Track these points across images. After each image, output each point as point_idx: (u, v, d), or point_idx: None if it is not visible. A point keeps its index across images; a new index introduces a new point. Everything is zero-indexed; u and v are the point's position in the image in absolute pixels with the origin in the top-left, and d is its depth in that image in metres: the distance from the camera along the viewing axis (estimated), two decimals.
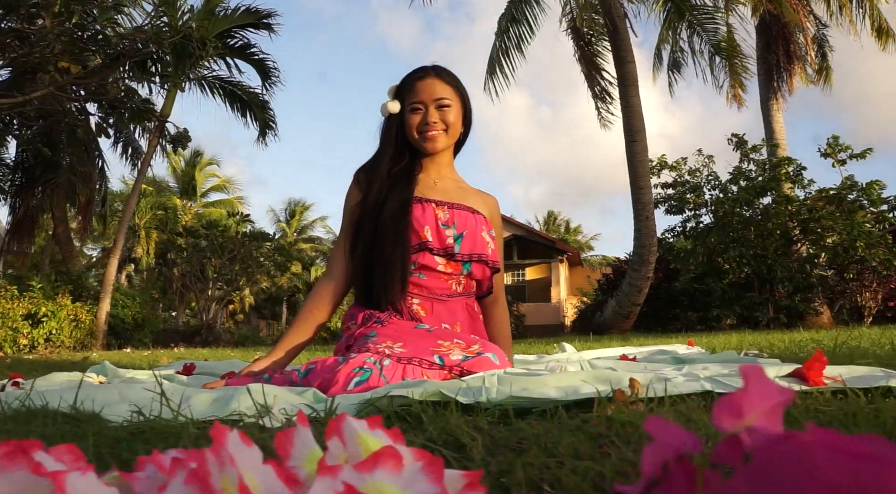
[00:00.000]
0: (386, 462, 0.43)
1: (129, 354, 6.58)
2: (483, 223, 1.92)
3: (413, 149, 1.98)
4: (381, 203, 1.82)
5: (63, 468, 0.46)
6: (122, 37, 9.19)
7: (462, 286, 1.89)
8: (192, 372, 2.29)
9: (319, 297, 1.89)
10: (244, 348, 9.17)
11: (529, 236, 22.66)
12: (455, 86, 1.99)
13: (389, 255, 1.76)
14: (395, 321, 1.75)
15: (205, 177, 29.81)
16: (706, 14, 10.26)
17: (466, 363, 1.54)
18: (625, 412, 0.93)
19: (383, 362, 1.49)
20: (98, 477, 0.45)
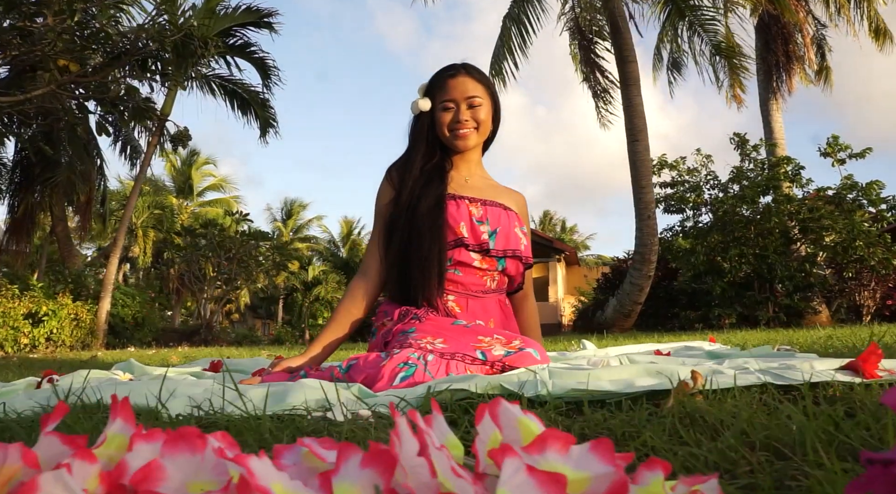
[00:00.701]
0: (554, 443, 0.44)
1: (134, 353, 6.57)
2: (515, 219, 1.94)
3: (443, 146, 1.99)
4: (416, 200, 1.83)
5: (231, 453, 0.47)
6: (123, 35, 9.17)
7: (496, 282, 1.90)
8: (220, 369, 2.29)
9: (355, 295, 1.90)
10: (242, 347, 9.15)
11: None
12: (486, 84, 2.01)
13: (427, 252, 1.76)
14: (432, 317, 1.75)
15: (201, 176, 29.75)
16: (706, 14, 10.30)
17: (508, 358, 1.55)
18: (696, 403, 0.94)
19: (427, 357, 1.50)
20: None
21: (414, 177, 1.88)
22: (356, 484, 0.42)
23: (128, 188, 25.59)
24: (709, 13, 10.26)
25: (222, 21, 11.43)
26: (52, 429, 0.48)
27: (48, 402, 1.31)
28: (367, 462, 0.42)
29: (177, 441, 0.45)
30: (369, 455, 0.43)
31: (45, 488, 0.38)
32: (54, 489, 0.38)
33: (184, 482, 0.43)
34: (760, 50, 11.91)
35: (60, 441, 0.45)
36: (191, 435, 0.46)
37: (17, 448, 0.42)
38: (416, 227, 1.79)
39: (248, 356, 4.04)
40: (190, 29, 9.39)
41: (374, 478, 0.42)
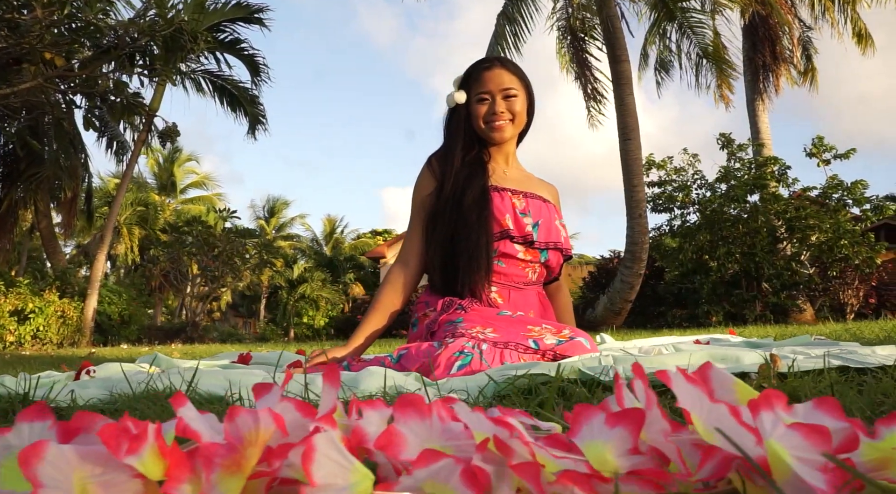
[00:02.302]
0: (778, 401, 0.46)
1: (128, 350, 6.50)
2: (555, 212, 1.96)
3: (480, 138, 2.00)
4: (461, 191, 1.83)
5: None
6: (113, 28, 9.06)
7: (537, 274, 1.92)
8: (249, 361, 2.28)
9: (395, 285, 1.90)
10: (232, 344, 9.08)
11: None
12: (520, 76, 2.01)
13: (474, 243, 1.77)
14: (477, 307, 1.77)
15: (184, 173, 29.43)
16: (695, 17, 10.42)
17: (560, 347, 1.57)
18: (791, 384, 0.96)
19: (481, 346, 1.51)
20: None
21: (456, 169, 1.89)
22: (607, 443, 0.43)
23: (109, 185, 25.27)
24: (698, 16, 10.37)
25: (212, 16, 11.32)
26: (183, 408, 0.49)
27: (116, 389, 1.30)
28: (613, 421, 0.44)
29: (406, 408, 0.46)
30: (616, 414, 0.44)
31: (320, 447, 0.39)
32: (328, 449, 0.39)
33: (420, 446, 0.44)
34: (748, 51, 12.06)
35: (295, 406, 0.46)
36: (418, 402, 0.47)
37: (268, 414, 0.42)
38: (463, 218, 1.80)
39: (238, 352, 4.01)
40: (180, 23, 9.29)
41: (623, 436, 0.43)
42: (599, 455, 0.42)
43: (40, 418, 0.44)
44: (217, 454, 0.41)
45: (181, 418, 0.44)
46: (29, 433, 0.43)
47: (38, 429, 0.43)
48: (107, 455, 0.42)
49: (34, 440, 0.43)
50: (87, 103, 10.46)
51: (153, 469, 0.40)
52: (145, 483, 0.41)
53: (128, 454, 0.40)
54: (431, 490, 0.40)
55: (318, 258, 30.67)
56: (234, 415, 0.42)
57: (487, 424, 0.44)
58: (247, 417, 0.42)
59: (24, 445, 0.43)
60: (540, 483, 0.39)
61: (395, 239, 25.09)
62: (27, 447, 0.39)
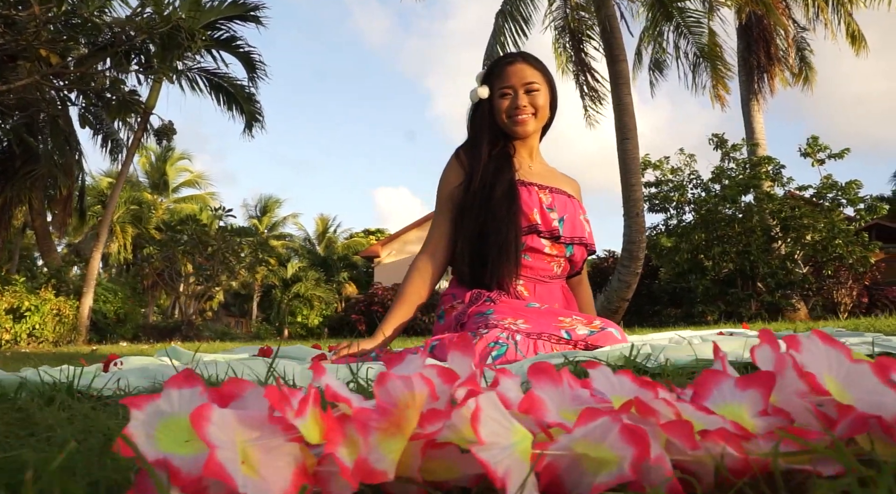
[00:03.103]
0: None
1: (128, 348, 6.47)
2: (579, 207, 1.97)
3: (504, 133, 2.01)
4: (490, 185, 1.85)
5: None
6: (110, 25, 9.02)
7: (561, 268, 1.94)
8: (270, 355, 2.29)
9: (421, 277, 1.90)
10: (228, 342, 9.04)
11: None
12: (543, 71, 2.02)
13: (503, 236, 1.78)
14: (506, 299, 1.78)
15: (176, 171, 29.29)
16: (692, 17, 10.46)
17: (592, 337, 1.59)
18: None
19: (515, 337, 1.53)
20: None
21: (483, 162, 1.90)
22: (741, 405, 0.44)
23: (101, 183, 25.12)
24: (694, 16, 10.42)
25: (208, 14, 11.29)
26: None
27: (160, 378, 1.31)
28: (744, 384, 0.45)
29: (540, 375, 0.48)
30: (748, 377, 0.46)
31: (485, 408, 0.41)
32: (491, 410, 0.41)
33: (556, 410, 0.46)
34: (742, 51, 12.14)
35: (438, 372, 0.47)
36: (549, 370, 0.49)
37: (421, 378, 0.44)
38: (492, 212, 1.81)
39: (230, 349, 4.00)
40: (178, 21, 9.26)
41: (755, 398, 0.45)
42: (736, 416, 0.44)
43: (189, 384, 0.45)
44: (372, 418, 0.42)
45: (328, 385, 0.45)
46: (178, 399, 0.44)
47: (186, 396, 0.44)
48: (263, 420, 0.43)
49: (184, 406, 0.45)
50: (83, 101, 10.40)
51: (313, 433, 0.41)
52: (301, 447, 0.42)
53: (296, 417, 0.41)
54: (584, 449, 0.41)
55: (311, 257, 30.62)
56: (385, 380, 0.44)
57: (630, 386, 0.45)
58: (398, 382, 0.43)
59: (174, 411, 0.45)
60: (694, 440, 0.40)
61: (388, 238, 25.08)
62: (196, 409, 0.40)
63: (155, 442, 0.42)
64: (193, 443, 0.42)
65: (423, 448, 0.42)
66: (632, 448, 0.39)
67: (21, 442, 0.68)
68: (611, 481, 0.40)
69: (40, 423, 0.84)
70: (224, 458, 0.38)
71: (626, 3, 10.20)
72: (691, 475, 0.42)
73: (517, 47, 9.46)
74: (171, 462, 0.40)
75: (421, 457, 0.42)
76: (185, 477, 0.40)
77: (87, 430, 0.76)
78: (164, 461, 0.40)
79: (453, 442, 0.43)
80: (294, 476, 0.41)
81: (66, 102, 10.89)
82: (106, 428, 0.70)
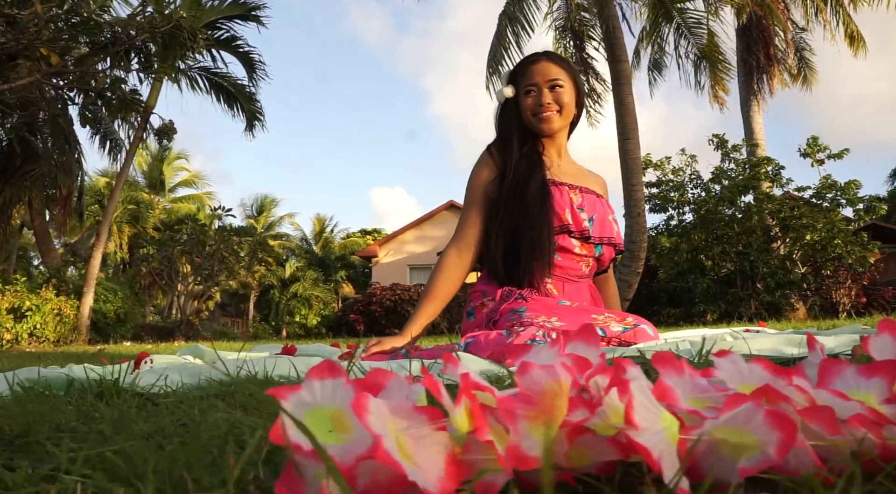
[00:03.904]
0: None
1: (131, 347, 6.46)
2: (608, 207, 1.99)
3: (531, 132, 2.03)
4: (524, 183, 1.86)
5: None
6: (112, 25, 9.00)
7: (589, 268, 1.95)
8: (294, 353, 2.30)
9: (452, 272, 1.90)
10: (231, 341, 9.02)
11: None
12: (567, 68, 2.03)
13: (537, 235, 1.79)
14: (537, 297, 1.79)
15: (173, 171, 29.23)
16: (693, 17, 10.51)
17: (625, 334, 1.60)
18: None
19: (551, 335, 1.54)
20: None
21: (515, 159, 1.91)
22: (869, 392, 0.46)
23: (98, 182, 25.03)
24: (695, 16, 10.46)
25: (209, 13, 11.28)
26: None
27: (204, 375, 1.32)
28: (869, 372, 0.47)
29: (665, 365, 0.49)
30: (872, 365, 0.47)
31: (637, 395, 0.42)
32: (642, 396, 0.42)
33: (684, 398, 0.48)
34: (741, 52, 12.19)
35: (573, 361, 0.48)
36: (671, 359, 0.50)
37: (563, 368, 0.45)
38: (525, 210, 1.82)
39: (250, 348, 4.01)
40: (179, 20, 9.24)
41: (880, 386, 0.46)
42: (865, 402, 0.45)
43: (331, 375, 0.46)
44: (520, 406, 0.43)
45: (466, 375, 0.46)
46: (321, 389, 0.45)
47: (329, 386, 0.45)
48: (409, 409, 0.44)
49: (327, 396, 0.46)
50: (83, 100, 10.37)
51: (463, 422, 0.43)
52: (450, 436, 0.43)
53: (455, 407, 0.42)
54: (724, 434, 0.43)
55: (308, 257, 30.60)
56: (528, 370, 0.45)
57: (762, 374, 0.47)
58: (541, 371, 0.45)
59: (316, 401, 0.46)
60: (835, 426, 0.42)
61: (386, 238, 25.08)
62: (356, 398, 0.42)
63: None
64: (337, 433, 0.44)
65: (570, 434, 0.43)
66: (778, 432, 0.40)
67: (113, 439, 0.69)
68: (756, 465, 0.41)
69: (108, 419, 0.85)
70: (389, 447, 0.40)
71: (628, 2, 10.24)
72: (823, 461, 0.43)
73: (519, 48, 9.49)
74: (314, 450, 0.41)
75: (568, 444, 0.43)
76: (340, 466, 0.41)
77: (163, 426, 0.77)
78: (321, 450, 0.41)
79: (593, 429, 0.44)
80: (446, 465, 0.42)
81: (67, 101, 10.85)
82: (196, 423, 0.71)
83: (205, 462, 0.50)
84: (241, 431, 0.61)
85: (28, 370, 1.52)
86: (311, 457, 0.42)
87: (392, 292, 16.74)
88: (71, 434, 0.75)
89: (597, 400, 0.44)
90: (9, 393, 1.30)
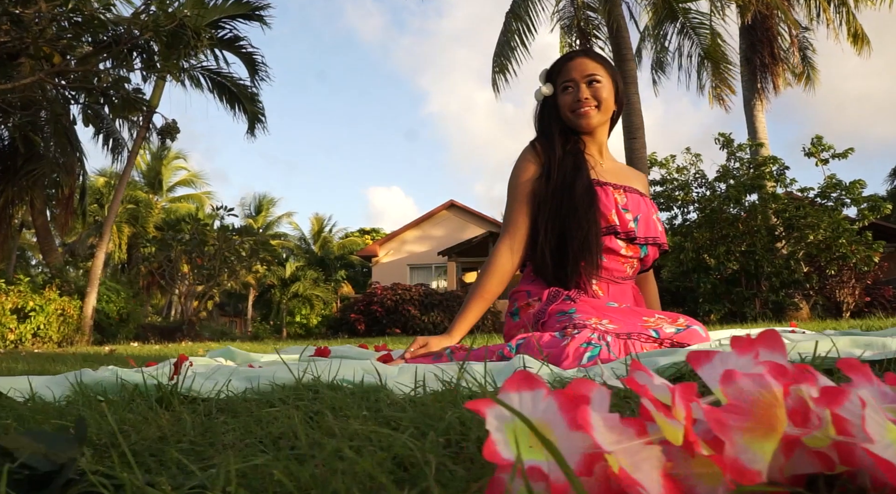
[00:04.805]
0: None
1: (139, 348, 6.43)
2: (652, 207, 1.97)
3: (572, 130, 2.00)
4: (570, 181, 1.84)
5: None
6: (117, 23, 8.96)
7: (633, 269, 1.93)
8: (328, 355, 2.28)
9: (502, 272, 1.87)
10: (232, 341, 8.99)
11: None
12: (605, 64, 2.01)
13: (585, 235, 1.77)
14: (585, 298, 1.78)
15: (171, 171, 29.15)
16: (697, 17, 10.52)
17: (678, 335, 1.59)
18: None
19: (606, 338, 1.52)
20: None
21: (559, 157, 1.89)
22: None
23: (97, 182, 24.94)
24: (699, 16, 10.47)
25: (212, 12, 11.23)
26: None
27: (262, 380, 1.30)
28: None
29: (855, 372, 0.48)
30: None
31: (869, 405, 0.40)
32: (869, 408, 0.41)
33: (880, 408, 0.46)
34: (745, 51, 12.19)
35: (770, 369, 0.47)
36: (857, 365, 0.48)
37: (772, 376, 0.43)
38: (574, 209, 1.79)
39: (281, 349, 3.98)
40: (183, 19, 9.20)
41: None
42: None
43: (528, 386, 0.44)
44: (733, 417, 0.42)
45: (689, 385, 0.44)
46: (519, 402, 0.44)
47: (528, 399, 0.44)
48: (616, 421, 0.42)
49: (526, 409, 0.44)
50: (86, 99, 10.32)
51: (676, 435, 0.41)
52: (662, 450, 0.42)
53: (669, 418, 0.41)
54: None
55: (308, 257, 30.55)
56: (734, 379, 0.43)
57: None
58: (749, 380, 0.43)
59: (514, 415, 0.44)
60: None
61: (386, 237, 25.03)
62: (580, 412, 0.40)
63: (508, 447, 0.42)
64: (538, 448, 0.42)
65: (786, 447, 0.42)
66: None
67: (233, 450, 0.67)
68: None
69: (212, 430, 0.83)
70: (624, 464, 0.38)
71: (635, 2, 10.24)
72: None
73: (526, 46, 9.47)
74: (540, 468, 0.40)
75: (785, 457, 0.41)
76: (553, 485, 0.39)
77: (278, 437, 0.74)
78: (535, 467, 0.39)
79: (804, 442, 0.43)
80: (664, 480, 0.40)
81: (69, 101, 10.80)
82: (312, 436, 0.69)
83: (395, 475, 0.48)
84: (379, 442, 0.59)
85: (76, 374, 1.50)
86: (518, 474, 0.40)
87: (393, 292, 16.67)
88: (174, 446, 0.73)
89: (809, 410, 0.42)
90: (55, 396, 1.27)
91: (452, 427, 0.63)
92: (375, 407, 0.81)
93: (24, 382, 1.36)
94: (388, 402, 0.86)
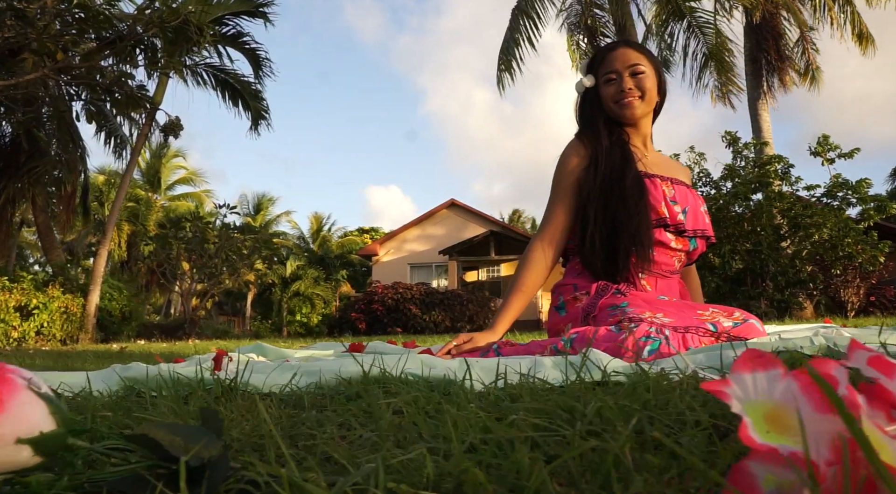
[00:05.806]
0: None
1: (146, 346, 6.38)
2: (699, 199, 1.93)
3: (615, 122, 1.96)
4: (619, 173, 1.80)
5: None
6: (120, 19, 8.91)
7: (681, 263, 1.90)
8: (362, 350, 2.24)
9: (540, 266, 1.84)
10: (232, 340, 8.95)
11: (505, 232, 22.77)
12: (647, 54, 1.96)
13: (636, 228, 1.74)
14: (635, 292, 1.74)
15: (170, 169, 29.06)
16: (703, 16, 10.50)
17: (736, 329, 1.55)
18: None
19: (664, 331, 1.49)
20: None
21: (605, 148, 1.85)
22: None
23: (96, 180, 24.85)
24: (705, 15, 10.45)
25: (216, 9, 11.17)
26: None
27: (325, 375, 1.26)
28: None
29: None
30: None
31: None
32: None
33: None
34: (750, 50, 12.17)
35: None
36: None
37: None
38: (624, 201, 1.76)
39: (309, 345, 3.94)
40: (187, 15, 9.15)
41: None
42: None
43: (763, 367, 0.41)
44: None
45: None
46: (752, 384, 0.40)
47: (762, 380, 0.40)
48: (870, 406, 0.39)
49: (760, 391, 0.41)
50: (89, 95, 10.26)
51: None
52: None
53: None
54: None
55: (308, 255, 30.50)
56: None
57: None
58: None
59: (748, 397, 0.41)
60: None
61: (386, 236, 24.98)
62: (848, 397, 0.37)
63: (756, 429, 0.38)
64: (777, 433, 0.39)
65: None
66: None
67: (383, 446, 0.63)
68: None
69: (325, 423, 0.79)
70: None
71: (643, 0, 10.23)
72: None
73: (532, 43, 9.44)
74: (798, 453, 0.36)
75: None
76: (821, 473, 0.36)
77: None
78: (796, 454, 0.36)
79: None
80: None
81: (72, 97, 10.74)
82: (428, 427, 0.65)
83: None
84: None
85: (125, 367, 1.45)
86: (766, 460, 0.37)
87: (394, 291, 16.62)
88: (285, 440, 0.69)
89: None
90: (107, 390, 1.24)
91: (594, 419, 0.60)
92: (488, 401, 0.77)
93: (75, 377, 1.33)
94: (494, 396, 0.82)
